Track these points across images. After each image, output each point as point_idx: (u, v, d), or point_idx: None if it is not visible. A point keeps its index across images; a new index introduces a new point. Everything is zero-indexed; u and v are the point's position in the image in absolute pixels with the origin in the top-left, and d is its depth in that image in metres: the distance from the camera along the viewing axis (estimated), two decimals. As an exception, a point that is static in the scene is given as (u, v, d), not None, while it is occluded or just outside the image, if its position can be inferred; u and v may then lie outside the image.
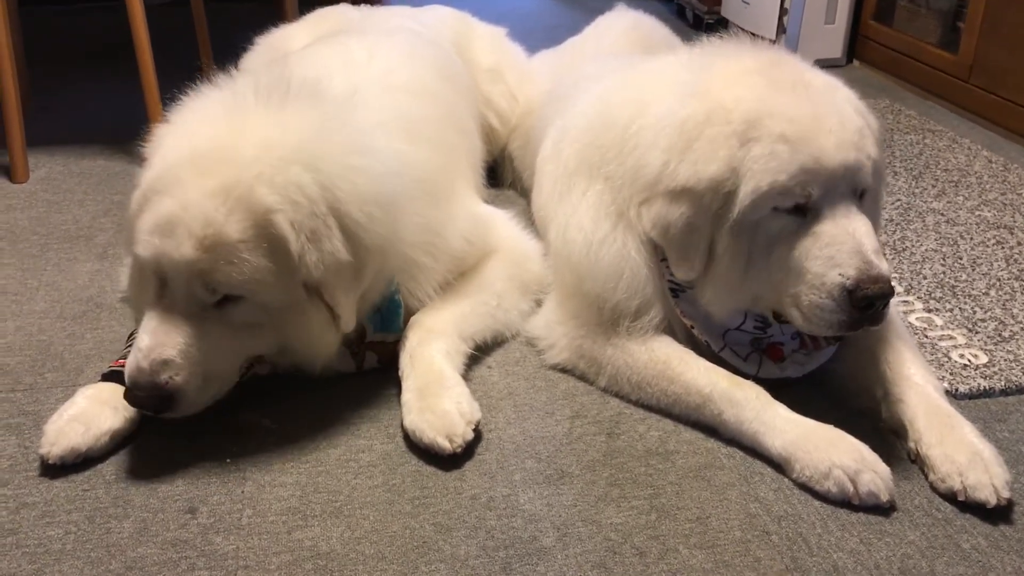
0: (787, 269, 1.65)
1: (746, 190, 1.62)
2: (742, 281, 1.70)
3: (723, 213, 1.65)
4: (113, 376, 1.72)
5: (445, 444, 1.63)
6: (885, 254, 1.70)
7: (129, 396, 1.60)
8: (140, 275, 1.68)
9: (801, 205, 1.62)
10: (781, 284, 1.67)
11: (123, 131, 3.11)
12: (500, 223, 2.18)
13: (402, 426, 1.71)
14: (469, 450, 1.68)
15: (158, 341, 1.58)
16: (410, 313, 1.92)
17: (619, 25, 2.81)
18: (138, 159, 1.76)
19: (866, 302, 1.58)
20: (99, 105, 3.43)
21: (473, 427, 1.68)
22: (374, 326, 1.87)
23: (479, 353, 1.96)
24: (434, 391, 1.71)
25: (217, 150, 1.60)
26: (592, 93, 2.06)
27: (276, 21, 2.94)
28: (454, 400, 1.69)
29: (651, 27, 2.83)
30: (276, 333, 1.69)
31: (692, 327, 1.82)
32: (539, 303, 2.07)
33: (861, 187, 1.66)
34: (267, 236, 1.58)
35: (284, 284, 1.62)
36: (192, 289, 1.58)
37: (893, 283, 1.62)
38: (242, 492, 1.58)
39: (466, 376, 1.90)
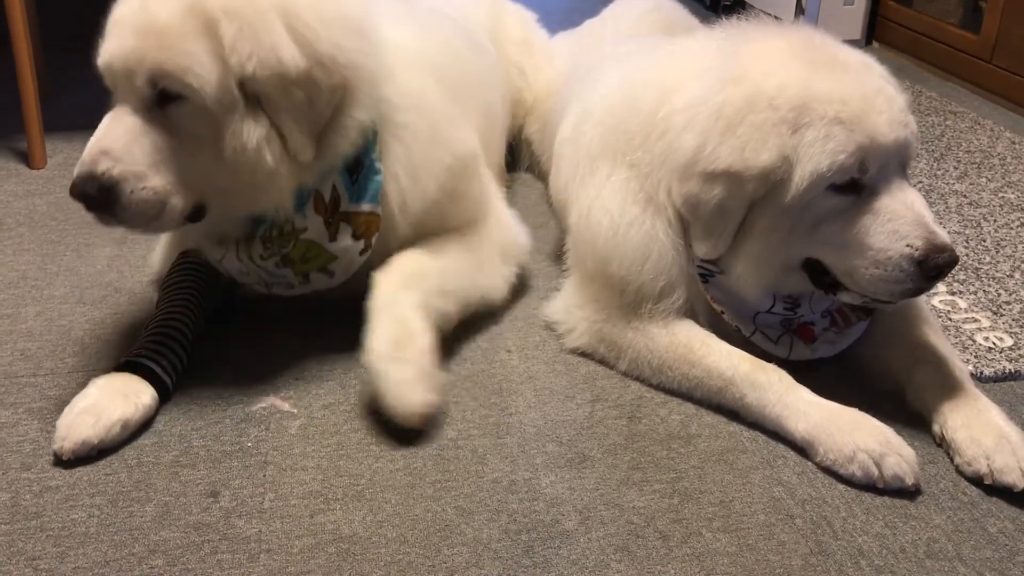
0: (841, 245, 1.64)
1: (802, 173, 1.60)
2: (774, 256, 1.69)
3: (769, 197, 1.64)
4: (128, 366, 1.71)
5: (405, 411, 1.63)
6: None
7: (72, 187, 1.63)
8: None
9: (856, 180, 1.61)
10: (832, 258, 1.66)
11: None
12: (494, 193, 2.16)
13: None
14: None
15: (101, 133, 1.64)
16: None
17: (638, 7, 2.78)
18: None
19: (936, 271, 1.58)
20: (115, 91, 3.44)
21: (432, 396, 1.65)
22: (349, 195, 1.81)
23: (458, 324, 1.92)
24: (401, 352, 1.67)
25: None
26: (613, 76, 2.03)
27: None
28: (418, 366, 1.66)
29: (670, 9, 2.80)
30: (215, 149, 1.65)
31: (722, 313, 1.80)
32: (522, 279, 2.09)
33: (909, 160, 1.67)
34: (201, 20, 1.60)
35: (220, 80, 1.61)
36: (133, 83, 1.62)
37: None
38: (264, 476, 1.58)
39: (484, 360, 1.90)
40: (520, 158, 2.87)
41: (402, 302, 1.75)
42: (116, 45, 1.64)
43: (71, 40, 4.10)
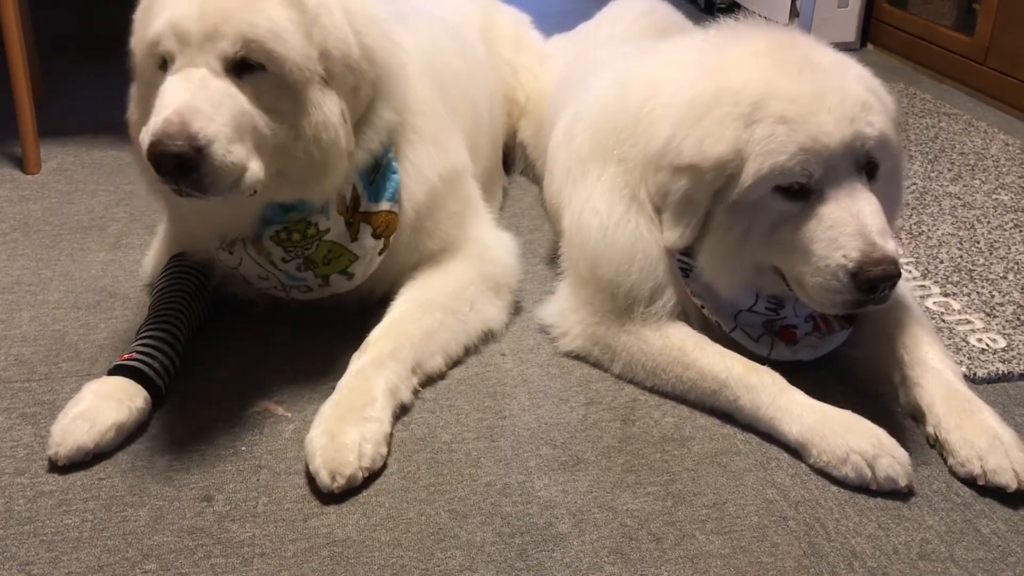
0: (791, 250, 1.64)
1: (748, 172, 1.61)
2: (735, 252, 1.69)
3: (725, 190, 1.65)
4: (120, 370, 1.71)
5: (325, 479, 1.52)
6: (899, 236, 1.68)
7: (157, 153, 1.48)
8: (146, 73, 1.66)
9: (804, 185, 1.60)
10: (785, 264, 1.66)
11: (135, 121, 3.13)
12: (482, 213, 2.13)
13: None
14: (353, 492, 1.54)
15: (184, 92, 1.53)
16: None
17: (632, 11, 2.79)
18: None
19: (869, 284, 1.55)
20: (109, 94, 3.41)
21: (366, 473, 1.55)
22: (368, 195, 1.83)
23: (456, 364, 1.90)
24: (349, 417, 1.60)
25: None
26: (605, 79, 2.04)
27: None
28: (360, 436, 1.57)
29: (664, 13, 2.81)
30: (294, 122, 1.65)
31: (703, 307, 1.81)
32: (517, 305, 2.07)
33: (866, 161, 1.63)
34: None
35: (303, 50, 1.62)
36: (215, 45, 1.56)
37: (901, 263, 1.59)
38: (257, 480, 1.58)
39: (479, 363, 1.90)
40: (515, 161, 2.87)
41: (375, 379, 1.70)
42: (192, 5, 1.57)
43: (65, 45, 4.11)
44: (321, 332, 1.97)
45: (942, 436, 1.63)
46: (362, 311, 1.97)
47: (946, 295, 2.15)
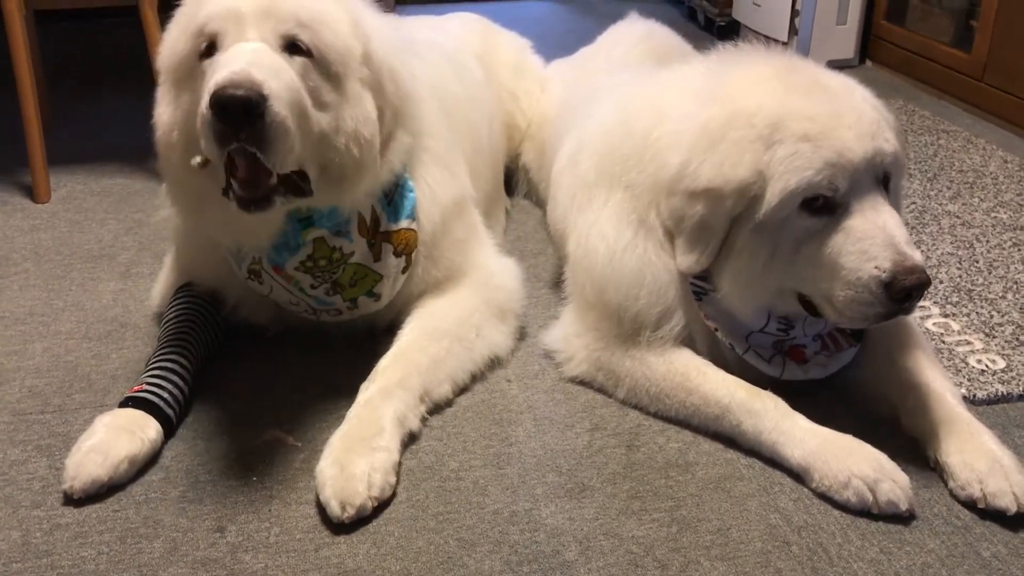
0: (818, 266, 1.66)
1: (774, 191, 1.64)
2: (761, 276, 1.71)
3: (747, 214, 1.67)
4: (131, 402, 1.74)
5: (335, 509, 1.54)
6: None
7: (226, 97, 1.50)
8: (184, 65, 1.71)
9: (829, 200, 1.63)
10: (811, 280, 1.69)
11: (142, 149, 3.14)
12: (484, 240, 2.16)
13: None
14: (363, 522, 1.56)
15: (247, 53, 1.59)
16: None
17: (632, 35, 2.82)
18: (157, 177, 1.79)
19: (904, 294, 1.59)
20: (118, 121, 3.48)
21: (375, 503, 1.57)
22: (387, 215, 1.89)
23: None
24: (358, 447, 1.62)
25: None
26: (608, 104, 2.07)
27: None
28: (369, 466, 1.59)
29: (664, 36, 2.84)
30: (337, 113, 1.70)
31: (716, 330, 1.83)
32: (522, 331, 2.09)
33: (884, 174, 1.68)
34: None
35: (350, 44, 1.71)
36: (271, 22, 1.63)
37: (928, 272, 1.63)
38: (269, 510, 1.61)
39: (485, 390, 1.93)
40: (518, 184, 2.91)
41: (383, 409, 1.73)
42: None
43: (72, 70, 4.16)
44: (329, 358, 2.00)
45: (942, 459, 1.65)
46: (370, 338, 2.01)
47: (946, 315, 2.17)
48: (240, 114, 1.51)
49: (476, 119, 2.41)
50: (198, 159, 1.67)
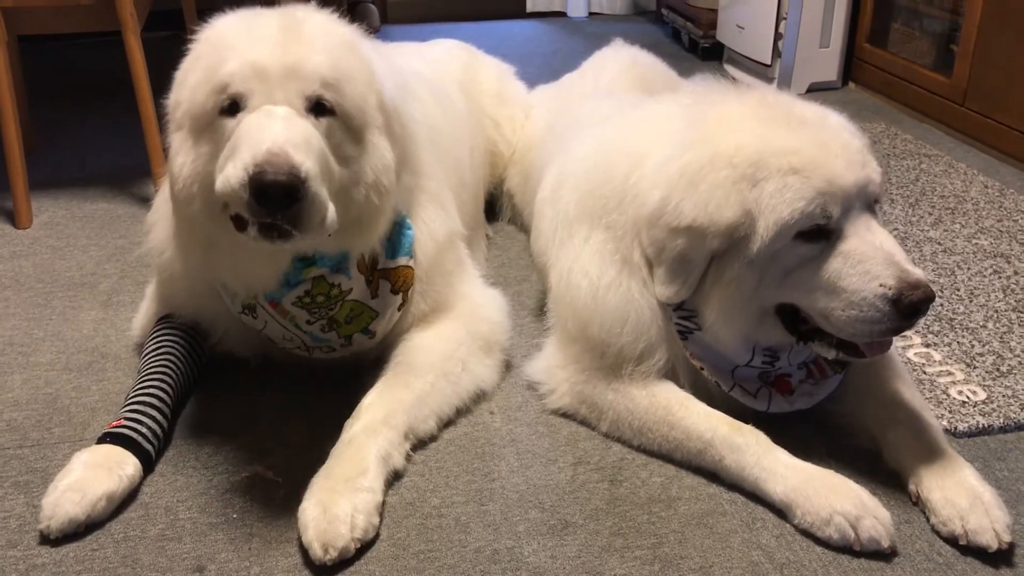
0: (812, 289, 1.67)
1: (766, 225, 1.64)
2: (748, 304, 1.72)
3: (733, 251, 1.68)
4: (109, 438, 1.73)
5: (318, 551, 1.52)
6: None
7: (267, 183, 1.49)
8: (203, 120, 1.68)
9: (822, 227, 1.65)
10: (805, 300, 1.69)
11: (125, 173, 3.15)
12: (470, 271, 2.16)
13: None
14: (346, 563, 1.55)
15: (279, 123, 1.57)
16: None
17: (617, 62, 2.83)
18: (139, 202, 1.78)
19: (912, 309, 1.60)
20: (100, 144, 3.46)
21: (358, 545, 1.56)
22: (385, 252, 1.89)
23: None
24: (341, 488, 1.61)
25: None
26: (589, 140, 2.07)
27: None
28: (352, 507, 1.57)
29: (648, 63, 2.85)
30: (357, 167, 1.71)
31: (702, 369, 1.83)
32: (508, 363, 2.09)
33: (873, 199, 1.70)
34: (346, 41, 1.76)
35: (366, 97, 1.72)
36: (296, 85, 1.62)
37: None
38: (249, 549, 1.60)
39: (468, 423, 1.92)
40: (501, 209, 2.91)
41: (368, 448, 1.71)
42: (273, 46, 1.64)
43: (54, 91, 4.14)
44: (311, 391, 1.99)
45: (924, 495, 1.66)
46: (355, 369, 2.00)
47: (927, 345, 2.18)
48: (283, 199, 1.51)
49: (460, 153, 2.41)
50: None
